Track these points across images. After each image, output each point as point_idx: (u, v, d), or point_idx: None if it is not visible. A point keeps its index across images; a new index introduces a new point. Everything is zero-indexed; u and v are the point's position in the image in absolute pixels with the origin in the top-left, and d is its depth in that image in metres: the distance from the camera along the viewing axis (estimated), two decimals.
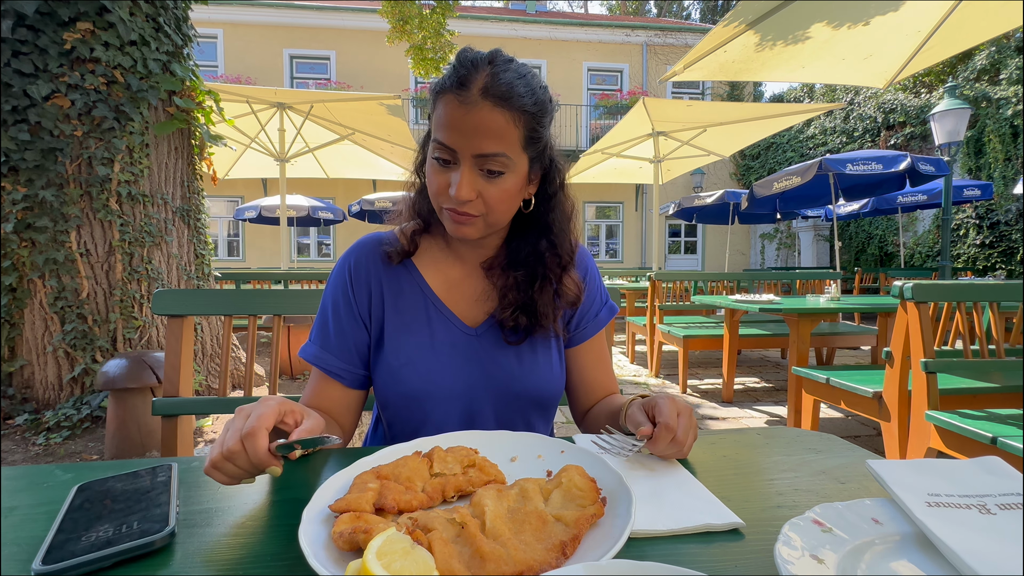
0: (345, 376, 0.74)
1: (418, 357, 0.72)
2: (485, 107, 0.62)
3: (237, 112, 4.80)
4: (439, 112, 0.64)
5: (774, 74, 3.61)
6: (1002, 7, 2.74)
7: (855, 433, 2.73)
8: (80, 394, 2.68)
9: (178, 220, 3.05)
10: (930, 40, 3.06)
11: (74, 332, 2.65)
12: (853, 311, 2.64)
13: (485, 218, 0.67)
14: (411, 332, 0.74)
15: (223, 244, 12.17)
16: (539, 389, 0.75)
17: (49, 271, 2.62)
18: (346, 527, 0.37)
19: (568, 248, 0.77)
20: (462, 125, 0.62)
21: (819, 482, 0.52)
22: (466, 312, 0.76)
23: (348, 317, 0.75)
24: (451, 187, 0.64)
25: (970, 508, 0.39)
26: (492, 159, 0.64)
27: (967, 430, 1.41)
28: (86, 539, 0.40)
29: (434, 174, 0.66)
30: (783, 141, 12.01)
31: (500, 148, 0.63)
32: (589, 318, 0.81)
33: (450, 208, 0.66)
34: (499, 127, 0.63)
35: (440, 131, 0.64)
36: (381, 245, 0.78)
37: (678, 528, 0.41)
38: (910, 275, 6.60)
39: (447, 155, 0.64)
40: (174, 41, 2.92)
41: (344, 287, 0.76)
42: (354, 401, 0.77)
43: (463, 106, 0.62)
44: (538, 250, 0.75)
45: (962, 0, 2.73)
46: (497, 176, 0.65)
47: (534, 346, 0.76)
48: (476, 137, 0.63)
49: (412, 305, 0.75)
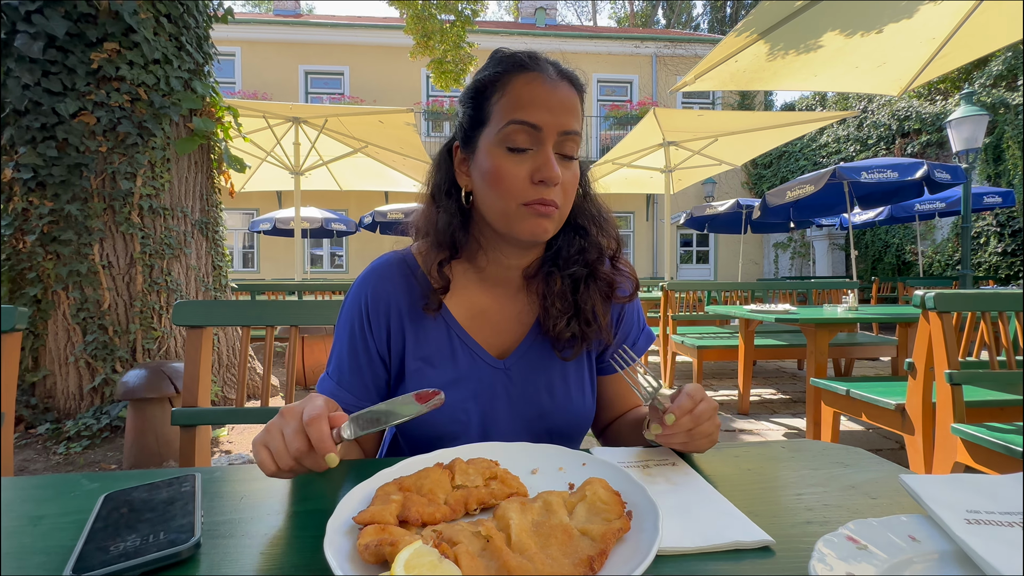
0: None
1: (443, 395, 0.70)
2: (565, 85, 0.63)
3: (254, 127, 4.92)
4: (516, 93, 0.62)
5: (786, 83, 3.61)
6: (1017, 12, 2.71)
7: (877, 446, 2.66)
8: (100, 404, 2.72)
9: (197, 232, 3.12)
10: (945, 47, 3.03)
11: (95, 343, 2.71)
12: (872, 321, 2.59)
13: (561, 210, 0.65)
14: (434, 366, 0.69)
15: (238, 256, 12.38)
16: (570, 423, 0.72)
17: (72, 283, 2.68)
18: (372, 539, 0.37)
19: (614, 234, 0.75)
20: (550, 101, 0.61)
21: (849, 497, 0.50)
22: (493, 342, 0.72)
23: (364, 355, 0.71)
24: (540, 170, 0.61)
25: (1012, 526, 0.38)
26: (573, 137, 0.63)
27: (997, 444, 1.37)
28: (115, 548, 0.40)
29: (508, 166, 0.62)
30: (795, 150, 11.94)
31: (579, 127, 0.64)
32: (627, 346, 0.78)
33: (533, 201, 0.62)
34: (577, 106, 0.64)
35: (521, 111, 0.61)
36: (400, 272, 0.72)
37: (706, 545, 0.41)
38: (929, 284, 6.47)
39: (527, 137, 0.62)
40: (195, 59, 3.01)
41: (361, 320, 0.71)
42: (373, 435, 0.75)
43: (549, 82, 0.62)
44: (582, 247, 0.72)
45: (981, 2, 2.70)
46: (571, 160, 0.65)
47: (566, 376, 0.72)
48: (563, 114, 0.62)
49: (435, 337, 0.70)
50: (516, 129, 0.61)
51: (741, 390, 3.25)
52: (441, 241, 0.69)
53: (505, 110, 0.62)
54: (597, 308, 0.71)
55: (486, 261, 0.72)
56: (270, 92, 11.99)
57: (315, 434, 0.46)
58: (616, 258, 0.75)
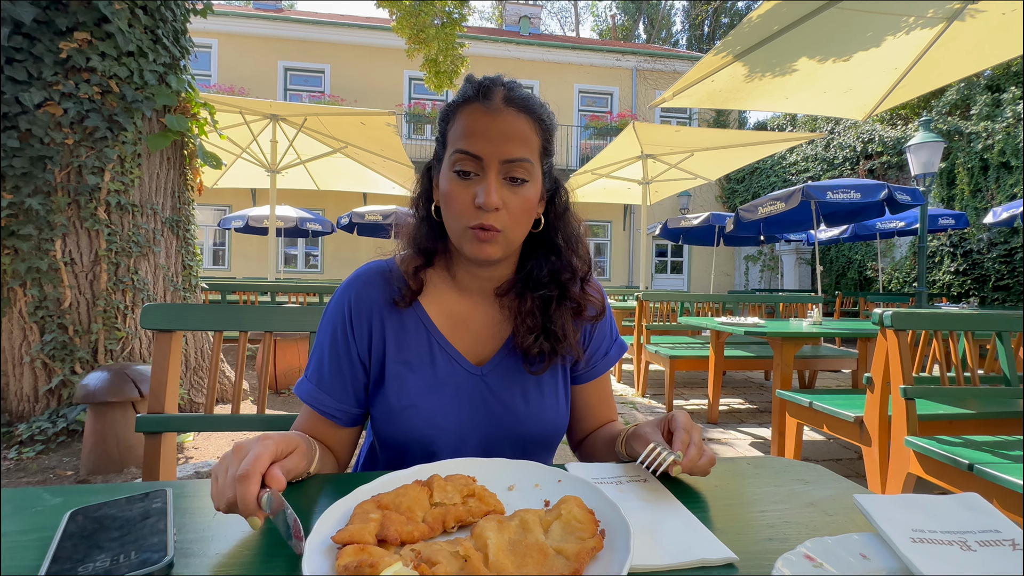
0: (341, 417, 0.72)
1: (421, 400, 0.70)
2: (510, 113, 0.65)
3: (230, 122, 4.80)
4: (461, 123, 0.65)
5: (759, 103, 3.75)
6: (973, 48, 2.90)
7: (837, 456, 2.77)
8: (56, 407, 2.60)
9: (167, 231, 3.02)
10: (906, 77, 3.21)
11: (53, 342, 2.59)
12: (835, 336, 2.70)
13: (506, 234, 0.66)
14: (414, 372, 0.71)
15: (208, 253, 12.02)
16: (545, 430, 0.74)
17: (31, 279, 2.56)
18: (351, 560, 0.37)
19: (585, 258, 0.76)
20: (489, 131, 0.64)
21: (808, 515, 0.53)
22: (471, 350, 0.74)
23: (346, 358, 0.72)
24: (477, 196, 0.63)
25: (952, 544, 0.41)
26: (518, 164, 0.65)
27: (945, 456, 1.45)
28: (83, 569, 0.40)
29: (457, 189, 0.65)
30: (767, 167, 12.38)
31: (525, 153, 0.65)
32: (599, 357, 0.80)
33: (475, 226, 0.64)
34: (523, 132, 0.65)
35: (464, 140, 0.64)
36: (383, 279, 0.74)
37: (674, 563, 0.42)
38: (888, 300, 6.78)
39: (471, 165, 0.64)
40: (172, 53, 2.93)
41: (343, 325, 0.72)
42: (349, 437, 0.75)
43: (489, 112, 0.64)
44: (553, 269, 0.73)
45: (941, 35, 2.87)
46: (521, 184, 0.66)
47: (541, 384, 0.74)
48: (503, 142, 0.64)
49: (416, 343, 0.72)
50: (460, 157, 0.65)
51: (711, 399, 3.34)
52: (416, 248, 0.74)
53: (454, 139, 0.66)
54: (567, 327, 0.73)
55: (460, 272, 0.75)
56: (247, 87, 11.72)
57: (240, 493, 0.45)
58: (587, 280, 0.77)
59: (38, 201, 2.53)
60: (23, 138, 2.51)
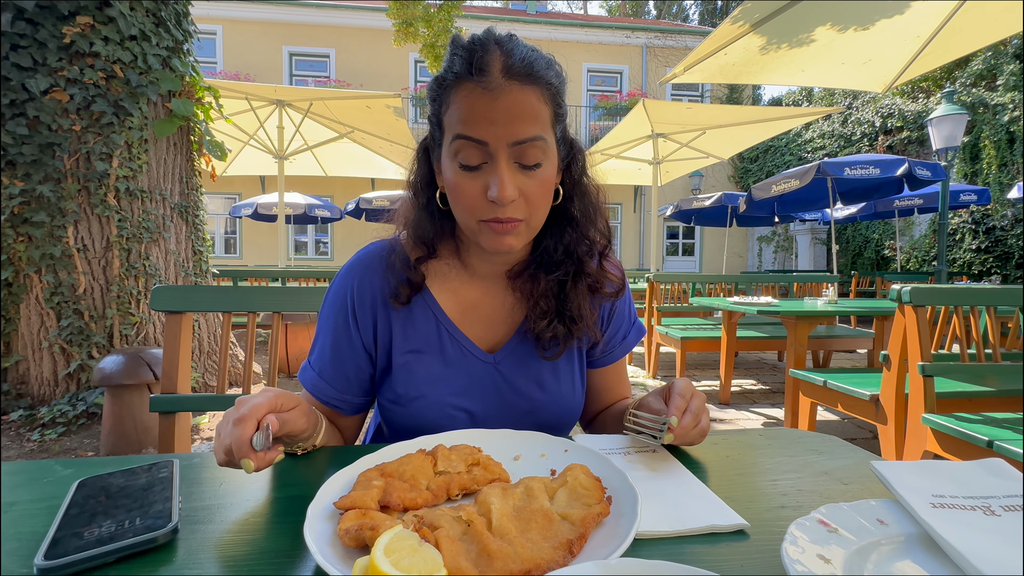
0: (343, 407, 0.70)
1: (431, 390, 0.67)
2: (513, 88, 0.55)
3: (236, 109, 4.79)
4: (457, 107, 0.57)
5: (773, 77, 3.63)
6: (1000, 12, 2.76)
7: (851, 436, 2.74)
8: (76, 390, 2.66)
9: (176, 216, 3.04)
10: (929, 45, 3.08)
11: (70, 328, 2.64)
12: (850, 314, 2.65)
13: (527, 222, 0.60)
14: (423, 361, 0.68)
15: (220, 241, 12.13)
16: (560, 418, 0.71)
17: (46, 266, 2.60)
18: (352, 524, 0.37)
19: (604, 230, 0.70)
20: (492, 113, 0.55)
21: (822, 483, 0.52)
22: (483, 336, 0.70)
23: (348, 348, 0.69)
24: (490, 189, 0.56)
25: (975, 509, 0.39)
26: (531, 145, 0.56)
27: (964, 433, 1.42)
28: (88, 534, 0.40)
29: (464, 183, 0.58)
30: (781, 144, 12.06)
31: (537, 131, 0.57)
32: (617, 341, 0.76)
33: (490, 219, 0.58)
34: (532, 107, 0.56)
35: (463, 125, 0.56)
36: (386, 264, 0.69)
37: (683, 529, 0.41)
38: (906, 279, 6.63)
39: (476, 153, 0.56)
40: (175, 36, 2.91)
41: (345, 313, 0.68)
42: (353, 423, 0.74)
43: (489, 92, 0.55)
44: (569, 246, 0.67)
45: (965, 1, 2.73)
46: (535, 168, 0.58)
47: (556, 369, 0.71)
48: (511, 123, 0.55)
49: (424, 331, 0.68)
50: (463, 145, 0.57)
51: (723, 380, 3.31)
52: (418, 239, 0.68)
53: (451, 123, 0.58)
54: (584, 307, 0.68)
55: (470, 257, 0.70)
56: (253, 73, 11.66)
57: (234, 435, 0.46)
58: (605, 255, 0.71)
59: (49, 188, 2.56)
60: (31, 125, 2.53)
